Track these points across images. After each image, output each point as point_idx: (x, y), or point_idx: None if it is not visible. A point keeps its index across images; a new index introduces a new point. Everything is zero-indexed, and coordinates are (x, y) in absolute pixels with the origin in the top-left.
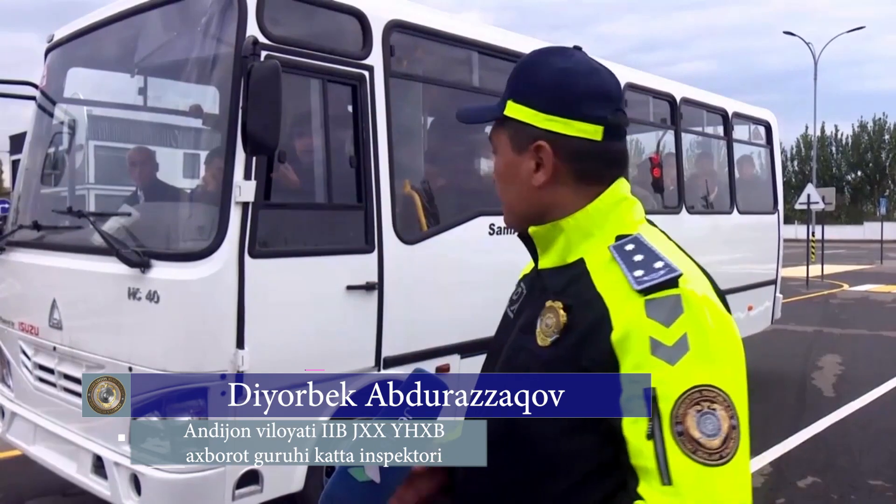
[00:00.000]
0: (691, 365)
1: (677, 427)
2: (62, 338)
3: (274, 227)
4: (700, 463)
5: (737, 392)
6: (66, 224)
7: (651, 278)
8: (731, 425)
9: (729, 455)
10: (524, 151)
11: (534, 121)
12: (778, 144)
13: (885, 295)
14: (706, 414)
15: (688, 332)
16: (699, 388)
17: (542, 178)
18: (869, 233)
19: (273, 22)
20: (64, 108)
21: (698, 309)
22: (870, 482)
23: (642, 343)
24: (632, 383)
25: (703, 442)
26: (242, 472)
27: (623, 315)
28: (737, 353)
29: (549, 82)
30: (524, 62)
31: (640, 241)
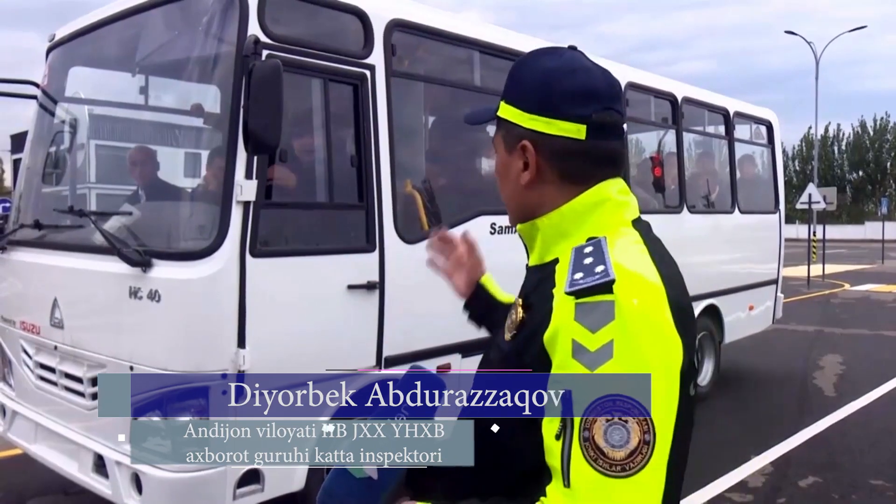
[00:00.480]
0: (611, 374)
1: (584, 433)
2: (63, 337)
3: (275, 226)
4: (599, 472)
5: (659, 409)
6: (68, 223)
7: (585, 282)
8: (643, 440)
9: (634, 469)
10: (513, 151)
11: (519, 120)
12: (779, 144)
13: (886, 295)
14: (615, 425)
15: (614, 340)
16: (614, 397)
17: (528, 177)
18: (870, 232)
19: (274, 21)
20: (65, 108)
21: (630, 318)
22: (871, 482)
23: (565, 344)
24: (553, 383)
25: (607, 451)
26: (243, 471)
27: (557, 316)
28: (665, 370)
29: (534, 82)
30: (516, 64)
31: (599, 245)
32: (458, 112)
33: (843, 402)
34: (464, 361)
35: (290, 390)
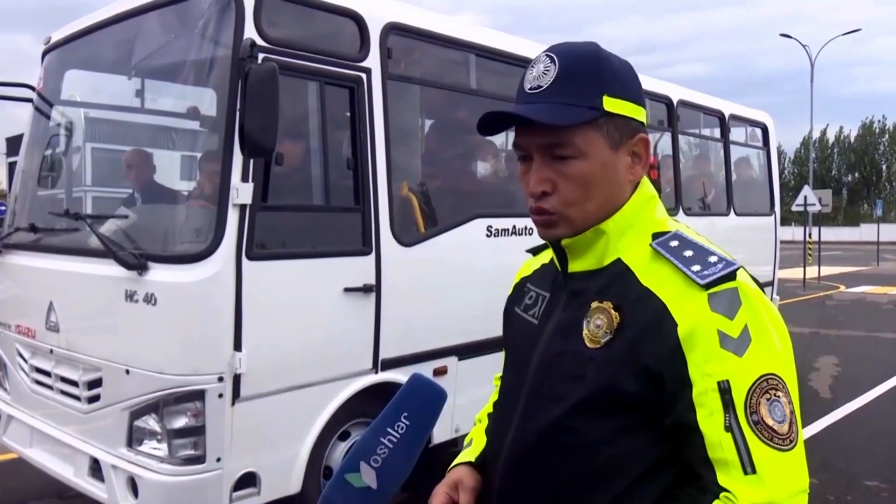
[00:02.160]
0: (757, 355)
1: (753, 416)
2: (59, 340)
3: (271, 229)
4: (777, 449)
5: (791, 379)
6: (63, 226)
7: (712, 272)
8: (791, 410)
9: (796, 438)
10: (621, 147)
11: (635, 113)
12: (774, 146)
13: (881, 296)
14: (774, 401)
15: (748, 324)
16: (766, 377)
17: (642, 171)
18: (865, 234)
19: (270, 24)
20: (61, 111)
21: (755, 300)
22: (866, 483)
23: (711, 336)
24: (704, 377)
25: (777, 428)
26: (240, 474)
27: (686, 310)
28: (787, 341)
29: (629, 75)
30: (594, 56)
31: (683, 237)
32: (454, 115)
33: (839, 404)
34: (460, 364)
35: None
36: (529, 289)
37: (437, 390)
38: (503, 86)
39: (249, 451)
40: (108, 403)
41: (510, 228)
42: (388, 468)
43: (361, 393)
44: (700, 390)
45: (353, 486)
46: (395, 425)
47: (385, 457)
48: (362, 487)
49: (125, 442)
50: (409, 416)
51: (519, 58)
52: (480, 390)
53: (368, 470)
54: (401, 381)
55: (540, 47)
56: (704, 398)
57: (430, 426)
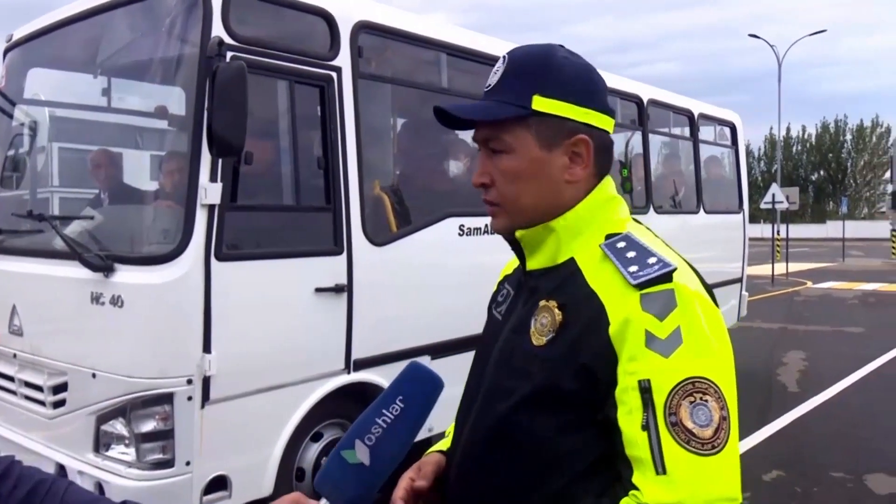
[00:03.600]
0: (684, 357)
1: (671, 418)
2: (23, 345)
3: (241, 229)
4: (693, 452)
5: (726, 384)
6: (27, 228)
7: (646, 273)
8: (722, 416)
9: (720, 445)
10: (556, 147)
11: (571, 114)
12: (743, 145)
13: (846, 292)
14: (699, 405)
15: (681, 326)
16: (692, 379)
17: (581, 172)
18: (831, 231)
19: (239, 22)
20: (24, 110)
21: (690, 303)
22: (832, 474)
23: (638, 336)
24: (627, 375)
25: (696, 432)
26: (210, 477)
27: (619, 309)
28: (726, 346)
29: (576, 76)
30: (540, 58)
31: (630, 239)
32: (426, 114)
33: (806, 398)
34: (434, 363)
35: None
36: (504, 286)
37: (433, 378)
38: (474, 85)
39: (220, 454)
40: (74, 408)
41: (482, 227)
42: (381, 447)
43: (334, 394)
44: (622, 388)
45: (347, 462)
46: (390, 407)
47: (378, 436)
48: (356, 464)
49: (92, 447)
50: (403, 400)
51: (490, 57)
52: (455, 389)
53: (363, 447)
54: (373, 381)
55: (511, 46)
56: (625, 396)
57: (425, 413)
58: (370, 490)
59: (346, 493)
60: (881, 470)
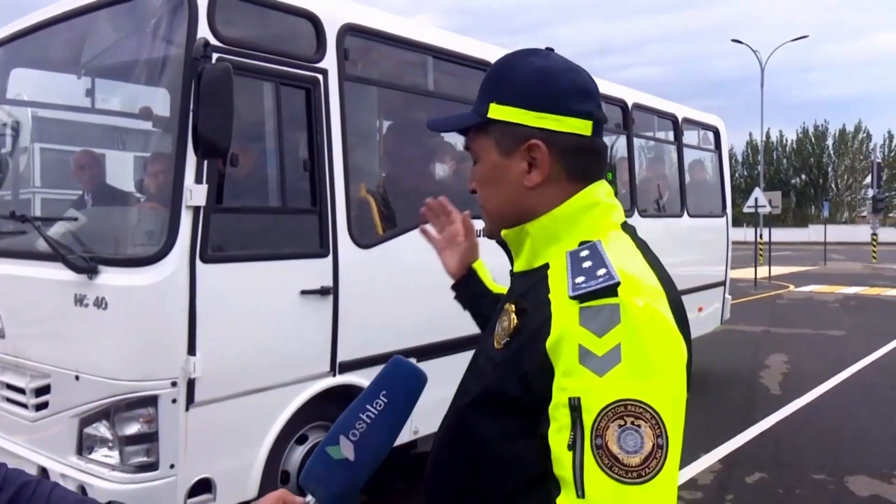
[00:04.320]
0: (620, 378)
1: (597, 440)
2: (5, 347)
3: (226, 231)
4: (614, 479)
5: (668, 410)
6: (10, 229)
7: (588, 285)
8: (657, 444)
9: (649, 475)
10: (513, 153)
11: (524, 120)
12: (726, 149)
13: (828, 295)
14: (628, 430)
15: (622, 343)
16: (624, 402)
17: (537, 177)
18: (813, 235)
19: (225, 24)
20: (7, 110)
21: (637, 320)
22: (813, 476)
23: (572, 350)
24: (559, 391)
25: (621, 458)
26: (195, 480)
27: (559, 321)
28: (675, 371)
29: (533, 80)
30: (501, 64)
31: (595, 248)
32: (412, 116)
33: (788, 400)
34: (420, 365)
35: (242, 397)
36: None
37: (415, 372)
38: (460, 87)
39: (204, 456)
40: (57, 411)
41: None
42: (364, 442)
43: (319, 396)
44: (554, 403)
45: (332, 458)
46: (373, 402)
47: (362, 431)
48: (340, 459)
49: (75, 450)
50: (387, 395)
51: (476, 60)
52: (441, 391)
53: (347, 443)
54: (359, 383)
55: (497, 50)
56: (556, 412)
57: (409, 407)
58: (355, 485)
59: (331, 489)
60: (862, 471)
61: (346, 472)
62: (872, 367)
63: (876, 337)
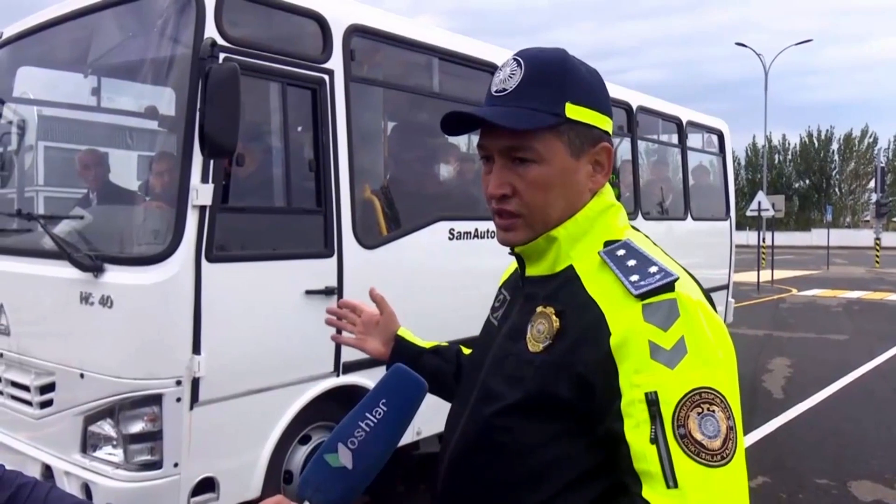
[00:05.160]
0: (690, 368)
1: (680, 430)
2: (10, 344)
3: (232, 230)
4: (704, 465)
5: (731, 393)
6: (15, 227)
7: (648, 283)
8: (729, 426)
9: (729, 456)
10: (583, 155)
11: (597, 122)
12: (730, 153)
13: (830, 299)
14: (706, 416)
15: (685, 336)
16: (699, 390)
17: (603, 179)
18: (816, 239)
19: (232, 24)
20: (13, 108)
21: (693, 312)
22: (816, 481)
23: (641, 347)
24: (632, 387)
25: (706, 444)
26: (198, 479)
27: (620, 319)
28: (730, 356)
29: (596, 82)
30: (562, 63)
31: (630, 247)
32: (417, 117)
33: (791, 404)
34: None
35: (246, 396)
36: (501, 292)
37: (416, 381)
38: (466, 89)
39: (208, 455)
40: (62, 408)
41: (472, 231)
42: (363, 451)
43: (322, 396)
44: (628, 400)
45: (330, 466)
46: (372, 411)
47: (361, 439)
48: (339, 467)
49: (79, 448)
50: (386, 403)
51: (482, 62)
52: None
53: (345, 451)
54: (362, 384)
55: (502, 51)
56: (632, 409)
57: (409, 415)
58: (353, 493)
59: (329, 497)
60: (865, 476)
61: (344, 480)
62: (875, 372)
63: (879, 341)
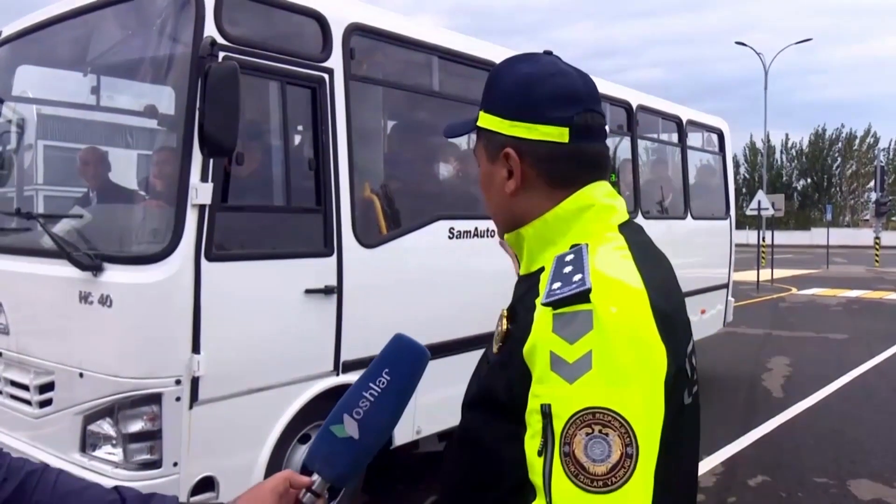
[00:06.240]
0: (589, 385)
1: (565, 447)
2: (9, 343)
3: (231, 229)
4: (580, 487)
5: (640, 419)
6: (14, 226)
7: (562, 291)
8: (625, 454)
9: (616, 484)
10: (496, 160)
11: (500, 128)
12: (730, 152)
13: (830, 298)
14: (596, 438)
15: (593, 351)
16: (593, 409)
17: (513, 185)
18: (816, 238)
19: (231, 22)
20: (12, 107)
21: (609, 327)
22: (815, 480)
23: (544, 357)
24: (533, 397)
25: (587, 466)
26: (198, 478)
27: (535, 328)
28: (646, 379)
29: (512, 88)
30: (493, 72)
31: (580, 252)
32: (417, 116)
33: (791, 403)
34: None
35: (245, 395)
36: None
37: (417, 349)
38: (466, 88)
39: (207, 455)
40: (61, 408)
41: (472, 230)
42: (369, 421)
43: (322, 395)
44: (529, 409)
45: (336, 437)
46: (376, 380)
47: (366, 409)
48: (345, 438)
49: (78, 447)
50: (389, 373)
51: (481, 61)
52: (443, 392)
53: (351, 421)
54: None
55: (502, 51)
56: (530, 418)
57: (412, 384)
58: (360, 463)
59: (336, 468)
60: (864, 475)
61: (351, 450)
62: (874, 371)
63: (878, 340)
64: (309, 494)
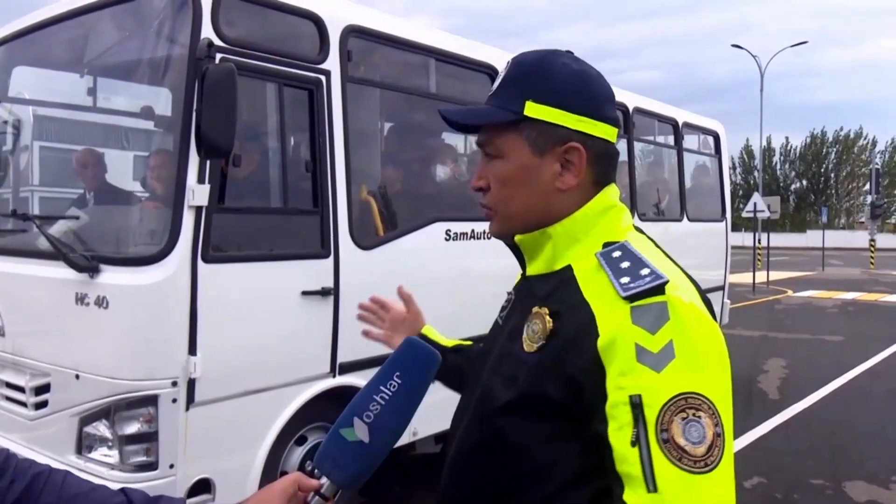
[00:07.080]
0: (677, 372)
1: (662, 434)
2: (5, 345)
3: (228, 231)
4: (685, 470)
5: (721, 400)
6: (10, 227)
7: (637, 285)
8: (716, 433)
9: (714, 463)
10: (547, 153)
11: (564, 121)
12: (726, 154)
13: (826, 301)
14: (691, 421)
15: (673, 340)
16: (684, 395)
17: (572, 180)
18: (811, 240)
19: (228, 24)
20: (8, 108)
21: (684, 316)
22: (811, 481)
23: (628, 350)
24: (617, 390)
25: (689, 449)
26: (194, 480)
27: (609, 322)
28: (722, 361)
29: (572, 82)
30: (533, 63)
31: (626, 248)
32: (414, 118)
33: (787, 405)
34: None
35: (242, 397)
36: (509, 292)
37: (429, 352)
38: (463, 90)
39: (204, 456)
40: (57, 410)
41: (469, 232)
42: (379, 424)
43: (319, 397)
44: (612, 402)
45: (346, 440)
46: (387, 384)
47: (377, 413)
48: (355, 441)
49: (74, 449)
50: (400, 376)
51: (479, 62)
52: (441, 393)
53: (361, 425)
54: (359, 384)
55: (500, 53)
56: (616, 411)
57: (423, 388)
58: (370, 467)
59: (346, 471)
60: (860, 477)
61: (361, 454)
62: (870, 373)
63: (874, 342)
64: (317, 498)
